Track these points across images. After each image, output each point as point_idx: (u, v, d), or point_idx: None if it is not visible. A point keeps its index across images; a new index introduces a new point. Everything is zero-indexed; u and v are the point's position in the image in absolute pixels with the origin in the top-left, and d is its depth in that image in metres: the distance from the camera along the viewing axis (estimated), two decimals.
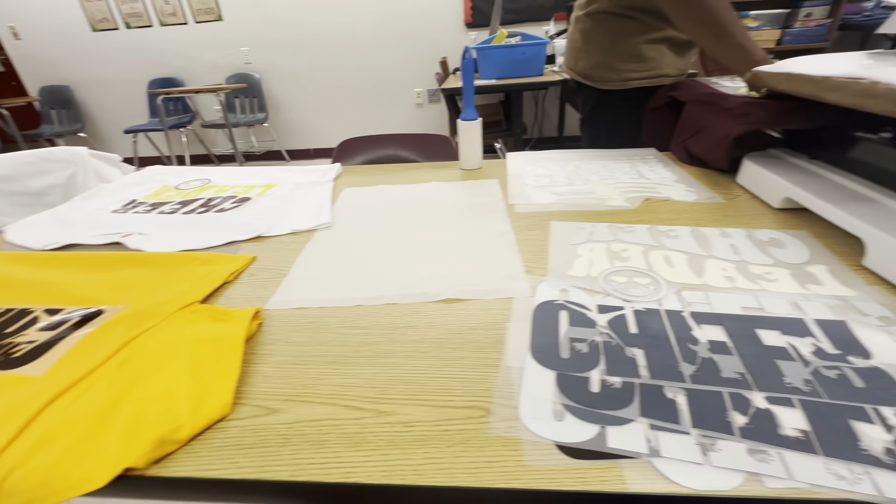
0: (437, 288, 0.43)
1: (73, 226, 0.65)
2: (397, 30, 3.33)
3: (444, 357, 0.34)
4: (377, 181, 0.77)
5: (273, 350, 0.37)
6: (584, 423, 0.28)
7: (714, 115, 0.69)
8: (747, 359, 0.32)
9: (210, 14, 3.35)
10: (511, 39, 2.13)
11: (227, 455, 0.28)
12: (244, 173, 0.86)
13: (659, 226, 0.53)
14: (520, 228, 0.55)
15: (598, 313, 0.38)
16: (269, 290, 0.46)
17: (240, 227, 0.60)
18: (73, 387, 0.33)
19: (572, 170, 0.76)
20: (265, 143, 3.81)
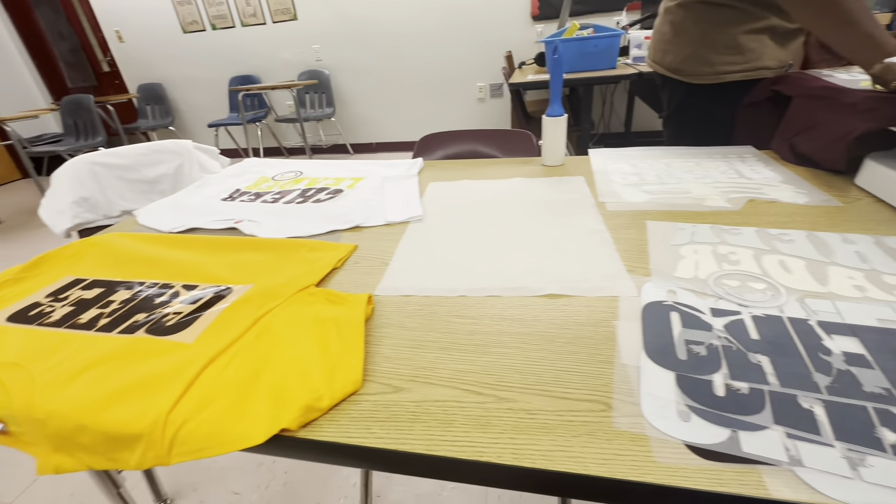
0: (538, 283, 0.44)
1: (191, 212, 0.73)
2: (462, 24, 3.33)
3: (556, 351, 0.35)
4: (460, 176, 0.79)
5: (388, 333, 0.39)
6: (712, 426, 0.28)
7: (830, 111, 0.64)
8: (892, 375, 0.30)
9: (286, 14, 3.54)
10: (583, 32, 2.07)
11: (365, 426, 0.30)
12: (332, 166, 0.91)
13: (769, 229, 0.50)
14: (614, 227, 0.55)
15: (712, 316, 0.37)
16: (375, 278, 0.49)
17: (339, 217, 0.64)
18: (221, 355, 0.38)
19: (662, 168, 0.73)
20: (331, 136, 3.98)
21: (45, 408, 0.34)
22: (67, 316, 0.46)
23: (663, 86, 0.97)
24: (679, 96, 0.93)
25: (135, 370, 0.37)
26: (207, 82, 3.96)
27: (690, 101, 0.92)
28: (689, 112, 0.93)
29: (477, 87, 3.54)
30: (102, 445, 0.33)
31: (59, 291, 0.51)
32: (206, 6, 3.63)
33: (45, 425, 0.34)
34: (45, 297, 0.50)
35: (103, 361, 0.38)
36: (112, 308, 0.46)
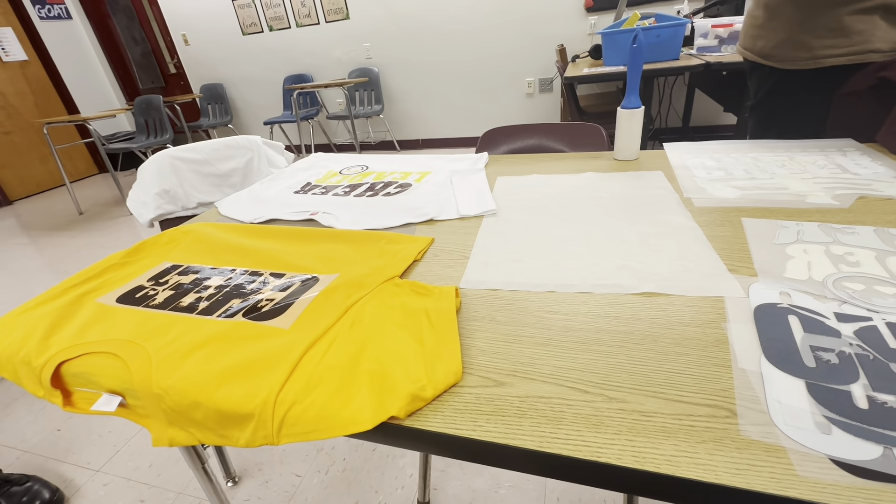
0: (632, 281, 0.42)
1: (268, 203, 0.76)
2: (511, 18, 3.28)
3: (663, 351, 0.33)
4: (528, 170, 0.77)
5: (480, 327, 0.39)
6: (860, 441, 0.25)
7: None
8: None
9: (339, 13, 3.63)
10: (644, 22, 1.98)
11: (471, 418, 0.30)
12: (397, 160, 0.92)
13: (889, 228, 0.46)
14: (704, 224, 0.52)
15: (838, 322, 0.34)
16: (457, 270, 0.48)
17: (413, 210, 0.64)
18: (319, 341, 0.39)
19: (750, 162, 0.68)
20: (379, 133, 4.05)
21: (162, 383, 0.36)
22: (169, 299, 0.49)
23: (751, 73, 0.91)
24: (769, 83, 0.87)
25: (240, 352, 0.38)
26: (264, 81, 4.13)
27: (781, 89, 0.85)
28: (779, 100, 0.86)
29: (526, 81, 3.48)
30: (214, 422, 0.35)
31: (159, 276, 0.54)
32: (264, 8, 3.78)
33: (162, 400, 0.36)
34: (146, 280, 0.54)
35: (210, 342, 0.40)
36: (209, 293, 0.49)
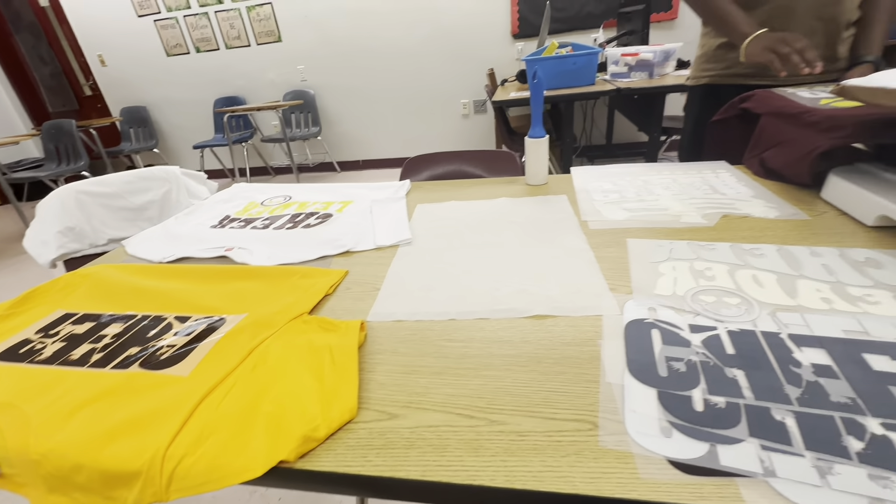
0: (526, 304, 0.46)
1: (181, 240, 0.73)
2: (444, 42, 3.40)
3: (544, 371, 0.37)
4: (447, 197, 0.81)
5: (382, 359, 0.40)
6: (692, 441, 0.29)
7: (796, 129, 0.67)
8: (857, 384, 0.32)
9: (270, 36, 3.58)
10: (562, 50, 2.13)
11: (362, 454, 0.31)
12: (321, 190, 0.92)
13: (742, 244, 0.53)
14: (596, 246, 0.57)
15: (690, 333, 0.39)
16: (366, 303, 0.50)
17: (330, 243, 0.65)
18: (218, 387, 0.38)
19: (641, 185, 0.76)
20: (318, 155, 3.99)
21: (40, 448, 0.34)
22: (59, 352, 0.46)
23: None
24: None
25: (131, 406, 0.37)
26: (192, 104, 3.96)
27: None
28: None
29: (461, 103, 3.60)
30: (99, 484, 0.33)
31: (49, 327, 0.51)
32: (189, 29, 3.65)
33: (40, 466, 0.34)
34: (34, 333, 0.50)
35: (98, 398, 0.38)
36: (104, 343, 0.47)
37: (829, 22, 0.89)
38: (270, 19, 3.49)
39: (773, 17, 0.91)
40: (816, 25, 0.89)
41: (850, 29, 0.92)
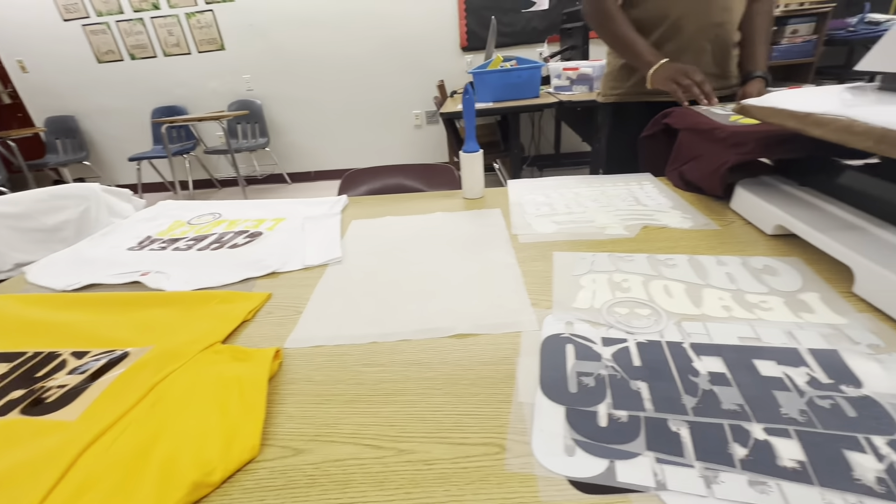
0: (449, 323, 0.45)
1: (92, 264, 0.68)
2: (395, 54, 3.42)
3: (459, 393, 0.36)
4: (383, 212, 0.80)
5: (295, 389, 0.39)
6: (593, 458, 0.30)
7: (708, 144, 0.72)
8: (745, 389, 0.34)
9: (213, 44, 3.45)
10: (506, 64, 2.19)
11: (259, 496, 0.29)
12: (253, 207, 0.88)
13: (657, 254, 0.55)
14: (524, 259, 0.58)
15: (602, 346, 0.40)
16: (287, 328, 0.48)
17: (254, 264, 0.62)
18: (108, 431, 0.35)
19: (571, 197, 0.78)
20: (267, 166, 3.87)
21: None
22: None
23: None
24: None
25: (3, 460, 0.33)
26: (127, 114, 3.73)
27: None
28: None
29: (413, 114, 3.62)
30: None
31: None
32: (123, 35, 3.45)
33: None
34: None
35: None
36: None
37: (716, 42, 1.00)
38: (212, 27, 3.37)
39: (668, 38, 1.00)
40: (706, 45, 1.00)
41: (735, 49, 1.04)
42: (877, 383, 0.33)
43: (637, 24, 1.05)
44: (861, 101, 0.48)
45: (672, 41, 1.02)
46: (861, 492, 0.26)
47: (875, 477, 0.26)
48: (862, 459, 0.28)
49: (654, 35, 1.03)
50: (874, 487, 0.26)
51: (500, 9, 3.17)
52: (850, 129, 0.44)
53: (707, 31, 1.00)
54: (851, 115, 0.44)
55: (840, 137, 0.45)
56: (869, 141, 0.41)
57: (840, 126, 0.45)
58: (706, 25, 0.99)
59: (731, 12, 1.00)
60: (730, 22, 1.00)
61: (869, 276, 0.42)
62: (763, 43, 1.04)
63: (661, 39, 1.03)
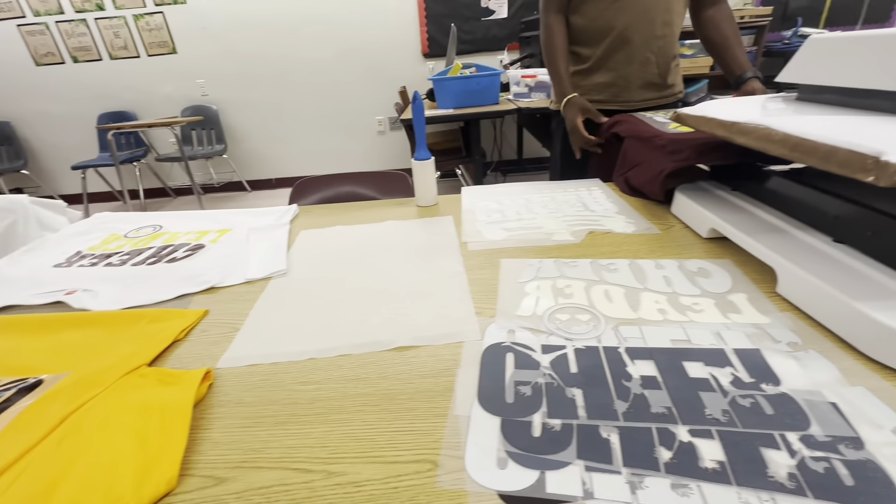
0: (390, 336, 0.44)
1: (12, 284, 0.62)
2: (357, 60, 3.38)
3: (395, 409, 0.35)
4: (334, 221, 0.78)
5: (223, 413, 0.37)
6: (525, 470, 0.29)
7: (649, 151, 0.74)
8: (674, 392, 0.34)
9: (164, 47, 3.31)
10: (466, 71, 2.21)
11: None
12: (198, 218, 0.85)
13: (600, 259, 0.57)
14: (471, 268, 0.58)
15: (541, 354, 0.40)
16: (222, 347, 0.45)
17: (192, 279, 0.59)
18: (8, 470, 0.32)
19: (523, 204, 0.79)
20: (224, 174, 3.74)
21: None
22: None
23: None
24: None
25: None
26: (70, 119, 3.52)
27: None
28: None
29: (376, 120, 3.59)
30: None
31: None
32: (63, 36, 3.26)
33: None
34: None
35: None
36: None
37: (659, 54, 1.06)
38: (163, 29, 3.23)
39: (617, 49, 1.04)
40: (651, 57, 1.05)
41: (675, 60, 1.11)
42: (793, 380, 0.35)
43: (586, 33, 1.08)
44: (780, 111, 0.51)
45: (621, 52, 1.06)
46: (773, 489, 0.27)
47: (787, 473, 0.27)
48: (776, 456, 0.29)
49: (604, 44, 1.06)
50: (785, 483, 0.27)
51: (460, 16, 3.21)
52: (768, 138, 0.46)
53: (650, 43, 1.04)
54: (770, 124, 0.46)
55: (761, 145, 0.47)
56: (785, 149, 0.44)
57: (760, 135, 0.47)
58: (649, 38, 1.04)
59: (672, 27, 1.04)
60: (671, 35, 1.05)
61: (789, 277, 0.45)
62: (739, 45, 1.05)
63: (611, 50, 1.06)
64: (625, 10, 1.01)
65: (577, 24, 1.09)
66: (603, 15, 1.04)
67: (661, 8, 1.01)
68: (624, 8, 1.01)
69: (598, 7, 1.04)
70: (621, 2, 1.01)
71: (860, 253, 0.43)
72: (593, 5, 1.04)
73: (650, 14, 1.01)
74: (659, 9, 1.01)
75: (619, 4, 1.01)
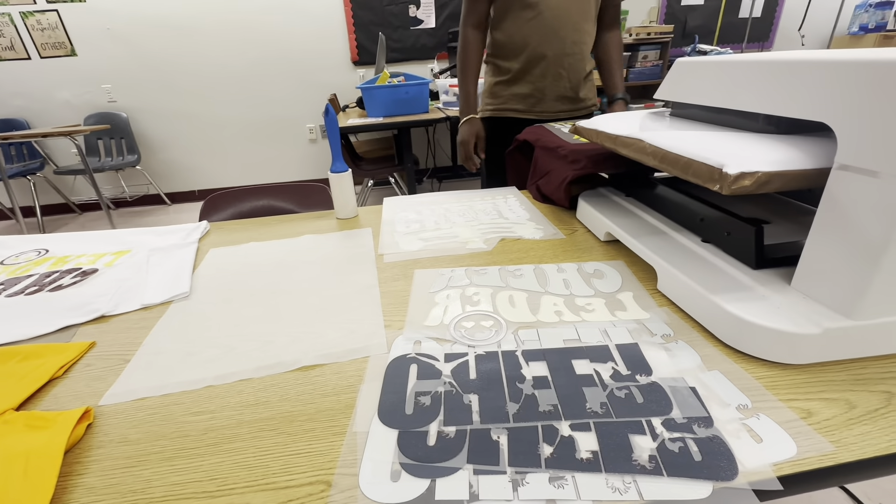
0: (295, 356, 0.44)
1: None
2: (284, 66, 3.28)
3: (293, 432, 0.35)
4: (248, 238, 0.75)
5: (102, 454, 0.34)
6: (416, 480, 0.30)
7: (555, 160, 0.79)
8: (560, 390, 0.37)
9: (60, 48, 2.99)
10: (394, 79, 2.22)
11: None
12: (93, 239, 0.78)
13: (509, 266, 0.59)
14: (385, 280, 0.58)
15: (444, 362, 0.41)
16: (108, 382, 0.42)
17: (79, 308, 0.54)
18: None
19: (442, 213, 0.81)
20: (139, 187, 3.45)
21: None
22: None
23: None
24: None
25: None
26: None
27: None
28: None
29: (307, 128, 3.49)
30: None
31: None
32: None
33: None
34: None
35: None
36: None
37: (570, 70, 1.14)
38: (58, 29, 2.93)
39: (534, 64, 1.11)
40: (562, 72, 1.13)
41: (587, 75, 1.20)
42: (663, 369, 0.39)
43: (506, 48, 1.14)
44: (655, 126, 0.57)
45: (537, 66, 1.13)
46: (636, 472, 0.30)
47: (648, 456, 0.31)
48: (641, 441, 0.32)
49: (521, 59, 1.12)
50: (646, 466, 0.30)
51: (389, 25, 3.22)
52: (643, 150, 0.51)
53: (562, 59, 1.12)
54: (643, 137, 0.51)
55: (638, 156, 0.53)
56: (655, 160, 0.49)
57: (637, 147, 0.52)
58: (561, 55, 1.11)
59: (582, 45, 1.12)
60: (581, 53, 1.13)
61: (666, 275, 0.50)
62: (619, 69, 1.21)
63: (528, 64, 1.13)
64: (537, 29, 1.08)
65: (499, 38, 1.15)
66: (519, 32, 1.10)
67: (570, 28, 1.09)
68: (537, 27, 1.08)
69: (515, 24, 1.10)
70: (535, 21, 1.08)
71: (721, 251, 0.49)
72: (511, 22, 1.11)
73: (560, 33, 1.09)
74: (568, 28, 1.09)
75: (533, 23, 1.08)
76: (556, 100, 1.18)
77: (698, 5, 3.55)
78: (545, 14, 1.07)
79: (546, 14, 1.07)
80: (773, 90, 0.42)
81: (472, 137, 1.20)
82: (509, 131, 1.10)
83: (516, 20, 1.10)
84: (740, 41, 3.65)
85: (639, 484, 0.29)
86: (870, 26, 3.36)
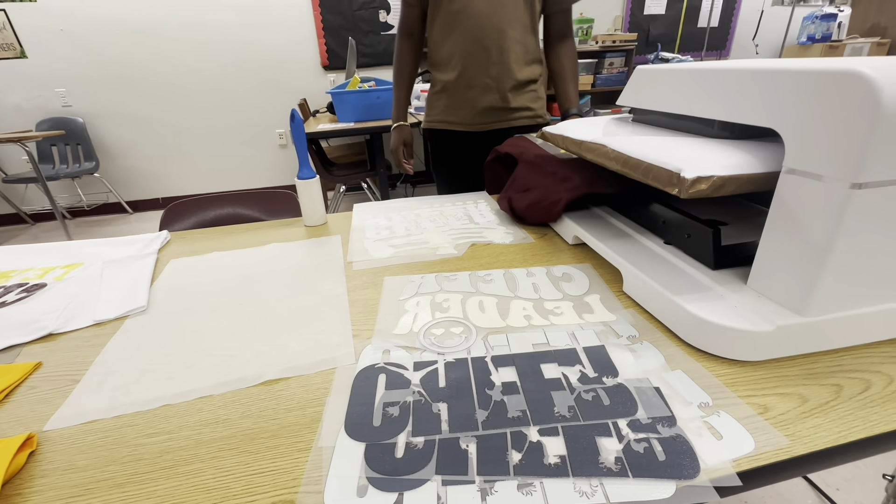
0: (258, 370, 0.42)
1: None
2: (252, 71, 3.21)
3: (256, 450, 0.33)
4: (212, 247, 0.72)
5: (46, 484, 0.32)
6: (384, 494, 0.29)
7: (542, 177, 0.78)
8: (529, 395, 0.37)
9: (8, 50, 2.84)
10: (365, 84, 2.21)
11: None
12: (42, 252, 0.73)
13: (478, 271, 0.59)
14: (354, 288, 0.57)
15: (413, 371, 0.41)
16: (54, 405, 0.39)
17: (24, 327, 0.51)
18: None
19: (412, 219, 0.80)
20: (97, 195, 3.29)
21: None
22: None
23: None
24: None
25: None
26: None
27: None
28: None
29: (277, 133, 3.43)
30: None
31: None
32: None
33: None
34: None
35: None
36: None
37: (498, 80, 1.12)
38: (6, 30, 2.78)
39: (461, 75, 1.11)
40: (490, 83, 1.12)
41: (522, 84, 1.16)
42: (629, 371, 0.39)
43: (434, 59, 1.16)
44: (618, 131, 0.58)
45: (462, 77, 1.13)
46: (602, 474, 0.30)
47: (614, 458, 0.31)
48: (607, 443, 0.32)
49: (448, 71, 1.13)
50: (612, 468, 0.30)
51: (359, 30, 3.20)
52: (606, 155, 0.52)
53: (488, 69, 1.11)
54: (606, 142, 0.52)
55: (601, 161, 0.54)
56: (618, 165, 0.50)
57: (600, 152, 0.53)
58: (486, 65, 1.10)
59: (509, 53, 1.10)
60: (509, 62, 1.11)
61: (631, 277, 0.51)
62: (573, 81, 1.19)
63: (455, 75, 1.13)
64: (460, 40, 1.08)
65: (431, 49, 1.16)
66: (444, 43, 1.11)
67: (494, 36, 1.07)
68: (460, 37, 1.08)
69: (441, 36, 1.11)
70: (456, 32, 1.08)
71: (682, 252, 0.51)
72: (438, 33, 1.11)
73: (483, 43, 1.08)
74: (492, 38, 1.07)
75: (455, 35, 1.08)
76: (484, 111, 1.16)
77: (660, 14, 3.69)
78: (468, 23, 1.06)
79: (468, 23, 1.06)
80: (727, 97, 0.43)
81: (399, 145, 1.27)
82: (449, 143, 1.12)
83: (442, 31, 1.10)
84: (700, 49, 3.81)
85: (605, 486, 0.29)
86: (817, 36, 3.57)
